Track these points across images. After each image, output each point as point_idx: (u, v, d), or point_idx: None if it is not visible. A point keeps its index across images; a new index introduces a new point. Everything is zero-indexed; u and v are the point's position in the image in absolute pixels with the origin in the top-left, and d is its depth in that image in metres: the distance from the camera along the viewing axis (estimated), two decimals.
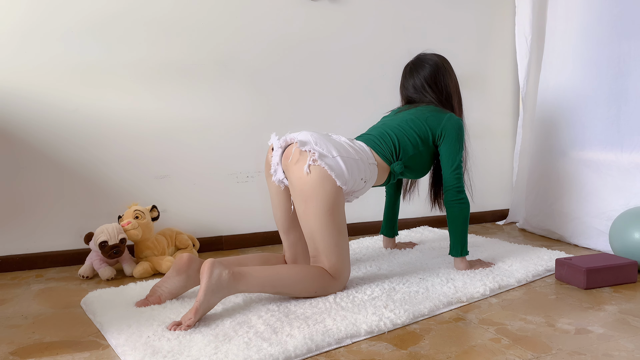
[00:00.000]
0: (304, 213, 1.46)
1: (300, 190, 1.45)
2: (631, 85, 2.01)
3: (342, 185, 1.47)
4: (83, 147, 2.00)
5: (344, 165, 1.47)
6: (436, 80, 1.80)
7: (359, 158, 1.54)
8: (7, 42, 1.89)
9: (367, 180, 1.58)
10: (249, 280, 1.35)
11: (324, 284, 1.46)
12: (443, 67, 1.81)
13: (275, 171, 1.53)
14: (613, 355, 1.12)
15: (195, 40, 2.13)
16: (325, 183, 1.44)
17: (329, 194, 1.44)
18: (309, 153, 1.45)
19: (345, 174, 1.47)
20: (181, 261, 1.45)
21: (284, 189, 1.57)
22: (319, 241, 1.46)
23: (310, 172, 1.43)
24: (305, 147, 1.45)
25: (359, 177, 1.53)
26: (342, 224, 1.49)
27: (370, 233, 2.45)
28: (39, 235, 1.97)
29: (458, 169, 1.70)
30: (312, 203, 1.44)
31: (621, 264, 1.62)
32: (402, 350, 1.16)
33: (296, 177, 1.46)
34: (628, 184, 1.99)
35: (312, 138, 1.49)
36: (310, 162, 1.44)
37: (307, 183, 1.44)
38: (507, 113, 2.77)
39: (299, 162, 1.45)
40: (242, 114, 2.23)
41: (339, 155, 1.48)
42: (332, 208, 1.45)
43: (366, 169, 1.56)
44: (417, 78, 1.82)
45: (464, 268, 1.71)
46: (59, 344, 1.23)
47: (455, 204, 1.69)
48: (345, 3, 2.37)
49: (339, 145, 1.52)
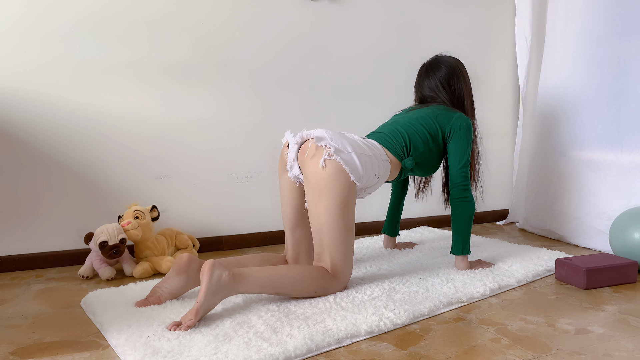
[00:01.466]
0: (316, 207, 1.48)
1: (315, 184, 1.47)
2: (631, 85, 2.01)
3: (356, 180, 1.49)
4: (83, 147, 2.00)
5: (359, 161, 1.50)
6: (450, 82, 1.83)
7: (373, 155, 1.57)
8: (7, 42, 1.89)
9: (380, 177, 1.61)
10: (249, 281, 1.35)
11: (324, 284, 1.46)
12: (458, 69, 1.86)
13: (291, 167, 1.56)
14: (613, 355, 1.12)
15: (195, 40, 2.13)
16: (340, 177, 1.46)
17: (342, 188, 1.46)
18: (325, 148, 1.48)
19: (359, 169, 1.49)
20: (181, 262, 1.45)
21: (298, 185, 1.59)
22: (325, 236, 1.47)
23: (326, 166, 1.46)
24: (321, 142, 1.48)
25: (373, 173, 1.56)
26: (351, 221, 1.50)
27: (371, 233, 2.45)
28: (39, 235, 1.97)
29: (465, 167, 1.71)
30: (325, 197, 1.46)
31: (621, 264, 1.62)
32: (402, 350, 1.16)
33: (312, 172, 1.48)
34: (628, 184, 1.99)
35: (328, 134, 1.51)
36: (326, 157, 1.46)
37: (323, 177, 1.46)
38: (507, 113, 2.77)
39: (315, 157, 1.48)
40: (242, 113, 2.23)
41: (353, 152, 1.50)
42: (343, 203, 1.47)
43: (379, 165, 1.59)
44: (432, 78, 1.85)
45: (464, 267, 1.71)
46: (59, 344, 1.23)
47: (461, 202, 1.70)
48: (345, 3, 2.37)
49: (353, 142, 1.55)
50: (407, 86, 2.50)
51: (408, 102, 2.14)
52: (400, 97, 2.45)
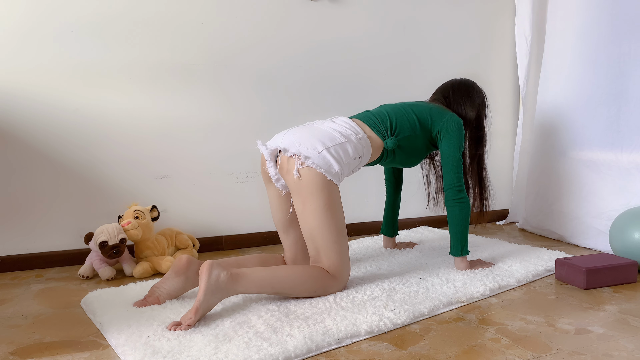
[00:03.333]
0: (303, 213, 1.48)
1: (297, 192, 1.48)
2: (631, 85, 2.01)
3: (334, 179, 1.49)
4: (83, 147, 2.00)
5: (332, 158, 1.49)
6: (468, 100, 1.84)
7: (346, 139, 1.55)
8: (7, 42, 1.89)
9: (362, 156, 1.60)
10: (247, 281, 1.35)
11: (324, 283, 1.46)
12: (483, 105, 1.87)
13: (277, 180, 1.56)
14: (613, 355, 1.12)
15: (195, 40, 2.13)
16: (318, 181, 1.46)
17: (323, 190, 1.46)
18: (294, 157, 1.47)
19: (334, 167, 1.49)
20: (180, 263, 1.45)
21: (285, 194, 1.59)
22: (318, 239, 1.47)
23: (301, 176, 1.46)
24: (289, 153, 1.48)
25: (352, 158, 1.55)
26: (340, 220, 1.50)
27: (370, 233, 2.45)
28: (39, 235, 1.97)
29: (458, 168, 1.70)
30: (309, 202, 1.46)
31: (621, 264, 1.62)
32: (402, 350, 1.16)
33: (291, 183, 1.49)
34: (628, 184, 1.99)
35: (295, 139, 1.51)
36: (299, 166, 1.46)
37: (301, 186, 1.46)
38: (507, 113, 2.77)
39: (290, 169, 1.48)
40: (242, 113, 2.23)
41: (324, 149, 1.49)
42: (328, 204, 1.47)
43: (356, 146, 1.57)
44: (449, 91, 1.86)
45: (464, 268, 1.71)
46: (59, 344, 1.23)
47: (456, 203, 1.69)
48: (345, 3, 2.37)
49: (323, 135, 1.54)
50: (408, 86, 2.51)
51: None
52: (400, 97, 2.45)
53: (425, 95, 1.98)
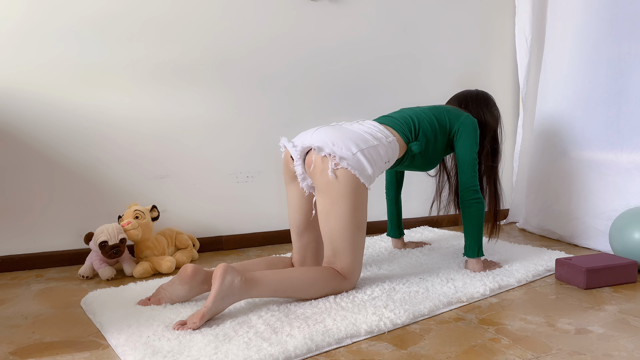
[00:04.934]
0: (329, 214, 1.46)
1: (327, 193, 1.45)
2: (631, 85, 2.01)
3: (367, 182, 1.48)
4: (83, 148, 2.00)
5: (365, 161, 1.46)
6: (474, 109, 1.87)
7: (378, 142, 1.53)
8: (7, 42, 1.89)
9: (390, 159, 1.59)
10: (262, 286, 1.33)
11: (336, 285, 1.46)
12: (499, 118, 1.92)
13: (303, 179, 1.52)
14: (613, 355, 1.12)
15: (195, 40, 2.13)
16: (351, 183, 1.44)
17: (354, 193, 1.45)
18: (329, 157, 1.44)
19: (367, 170, 1.47)
20: (185, 272, 1.41)
21: (307, 194, 1.56)
22: (337, 241, 1.46)
23: (336, 177, 1.44)
24: (323, 152, 1.45)
25: (382, 162, 1.54)
26: (363, 222, 1.49)
27: (370, 233, 2.45)
28: (39, 235, 1.97)
29: (474, 168, 1.70)
30: (338, 204, 1.44)
31: (621, 264, 1.62)
32: (402, 350, 1.16)
33: (322, 183, 1.46)
34: (628, 184, 1.99)
35: (329, 139, 1.48)
36: (333, 167, 1.43)
37: (334, 186, 1.44)
38: (507, 113, 2.76)
39: (323, 169, 1.45)
40: (242, 113, 2.23)
41: (358, 151, 1.47)
42: (356, 206, 1.46)
43: (387, 148, 1.56)
44: (466, 100, 1.89)
45: (479, 270, 1.70)
46: (59, 344, 1.23)
47: (474, 203, 1.69)
48: (345, 3, 2.37)
49: (355, 136, 1.51)
50: (408, 86, 2.51)
51: (408, 102, 2.15)
52: (400, 97, 2.45)
53: (425, 95, 1.99)
